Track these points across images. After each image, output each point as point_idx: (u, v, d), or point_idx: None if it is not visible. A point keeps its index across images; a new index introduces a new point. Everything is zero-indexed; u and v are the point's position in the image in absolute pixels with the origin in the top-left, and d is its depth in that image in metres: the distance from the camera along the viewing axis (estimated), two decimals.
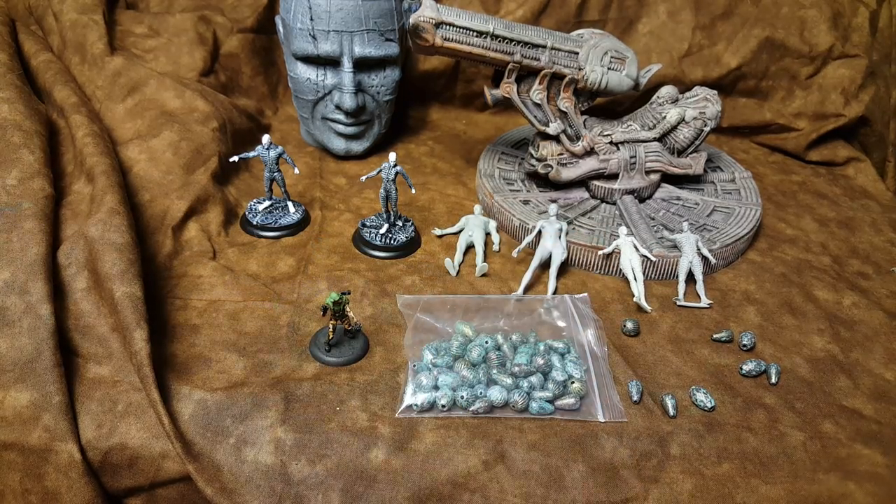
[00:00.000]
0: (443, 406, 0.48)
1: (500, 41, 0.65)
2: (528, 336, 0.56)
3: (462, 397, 0.48)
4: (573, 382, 0.50)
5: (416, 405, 0.48)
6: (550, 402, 0.49)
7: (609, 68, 0.70)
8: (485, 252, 0.68)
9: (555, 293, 0.63)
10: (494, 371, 0.51)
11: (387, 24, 0.79)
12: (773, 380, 0.53)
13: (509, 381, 0.50)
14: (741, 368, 0.54)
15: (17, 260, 0.51)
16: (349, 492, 0.44)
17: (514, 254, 0.66)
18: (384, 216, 0.70)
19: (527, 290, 0.63)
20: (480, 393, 0.49)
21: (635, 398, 0.51)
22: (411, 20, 0.61)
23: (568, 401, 0.49)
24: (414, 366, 0.52)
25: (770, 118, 1.00)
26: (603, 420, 0.49)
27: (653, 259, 0.64)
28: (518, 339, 0.55)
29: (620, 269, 0.64)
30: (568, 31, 0.72)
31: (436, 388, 0.50)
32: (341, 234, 0.71)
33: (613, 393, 0.51)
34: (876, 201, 0.87)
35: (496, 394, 0.49)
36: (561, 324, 0.58)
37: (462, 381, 0.50)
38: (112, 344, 0.50)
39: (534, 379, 0.51)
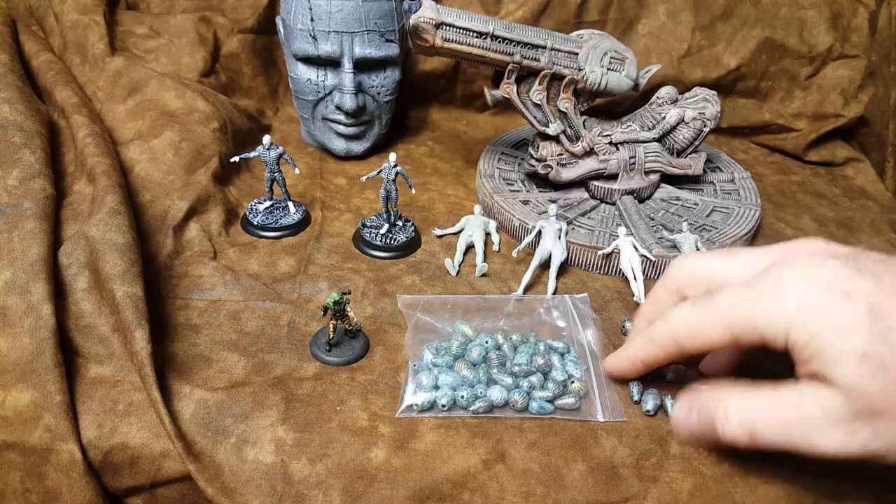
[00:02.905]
0: (443, 406, 0.48)
1: (499, 42, 0.65)
2: (528, 336, 0.56)
3: (462, 397, 0.49)
4: (573, 382, 0.50)
5: (416, 405, 0.48)
6: (550, 401, 0.49)
7: (609, 69, 0.70)
8: (485, 252, 0.68)
9: (555, 293, 0.63)
10: (495, 371, 0.51)
11: (387, 25, 0.79)
12: None
13: (509, 380, 0.50)
14: None
15: (19, 260, 0.51)
16: (349, 491, 0.44)
17: (514, 254, 0.66)
18: (384, 216, 0.70)
19: (527, 289, 0.63)
20: (480, 392, 0.49)
21: (636, 398, 0.51)
22: (411, 21, 0.62)
23: (568, 400, 0.49)
24: (414, 365, 0.52)
25: (769, 119, 1.00)
26: (602, 420, 0.49)
27: (652, 259, 0.64)
28: (518, 339, 0.55)
29: (620, 269, 0.64)
30: (568, 32, 0.72)
31: (436, 387, 0.50)
32: (342, 234, 0.71)
33: (613, 393, 0.51)
34: (875, 202, 0.87)
35: (496, 393, 0.49)
36: (561, 324, 0.58)
37: (462, 380, 0.50)
38: (113, 344, 0.50)
39: (534, 378, 0.51)
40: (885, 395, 0.35)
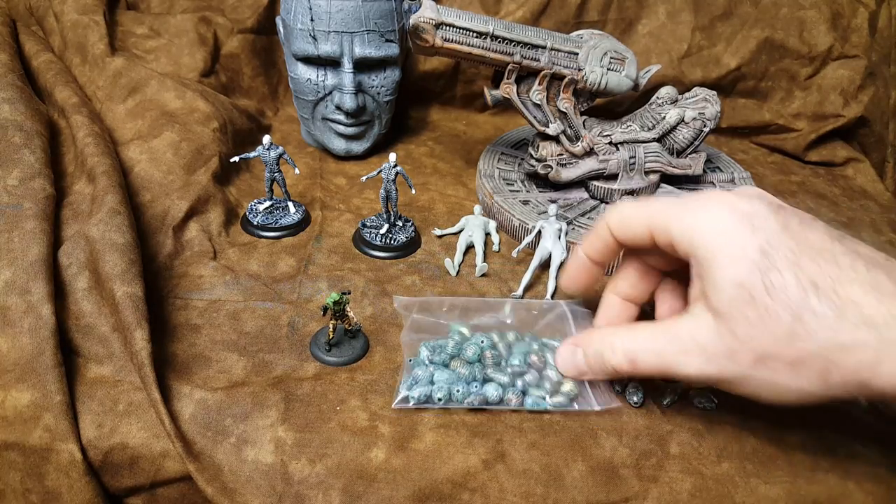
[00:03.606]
0: (439, 399, 0.48)
1: (499, 42, 0.65)
2: (523, 335, 0.56)
3: (458, 391, 0.48)
4: (565, 384, 0.50)
5: (412, 397, 0.48)
6: (544, 398, 0.49)
7: (608, 69, 0.70)
8: (484, 252, 0.68)
9: (554, 293, 0.63)
10: (490, 370, 0.51)
11: (387, 25, 0.79)
12: None
13: (505, 378, 0.50)
14: None
15: (18, 260, 0.51)
16: (349, 491, 0.44)
17: (514, 254, 0.66)
18: (384, 216, 0.70)
19: (526, 290, 0.63)
20: (475, 388, 0.49)
21: (635, 401, 0.51)
22: (411, 21, 0.62)
23: (559, 399, 0.49)
24: (410, 361, 0.52)
25: (769, 119, 1.00)
26: (598, 408, 0.49)
27: None
28: (514, 338, 0.55)
29: None
30: (567, 32, 0.72)
31: (431, 382, 0.50)
32: (341, 235, 0.71)
33: (606, 384, 0.51)
34: (875, 202, 0.87)
35: (491, 391, 0.49)
36: (557, 325, 0.58)
37: (458, 377, 0.50)
38: (113, 344, 0.50)
39: (529, 377, 0.51)
40: (747, 326, 0.38)
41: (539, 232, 0.66)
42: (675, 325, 0.43)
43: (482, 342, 0.53)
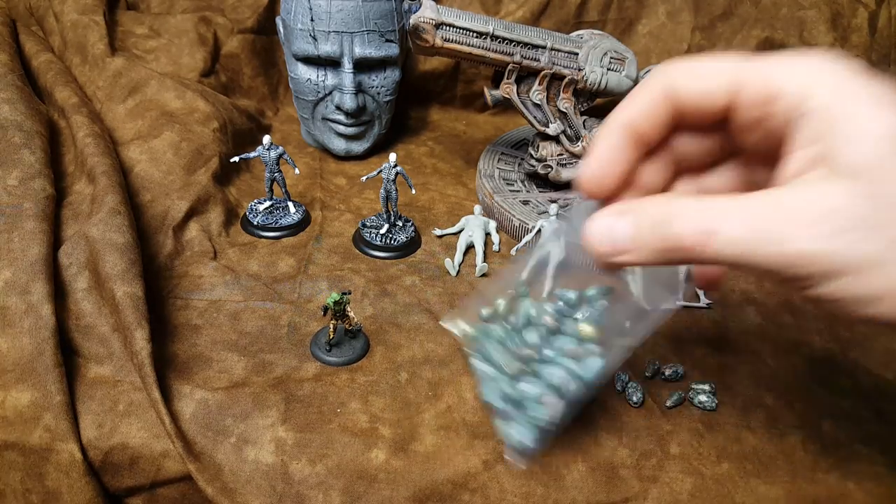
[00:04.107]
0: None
1: (499, 42, 0.65)
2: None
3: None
4: (584, 328, 0.41)
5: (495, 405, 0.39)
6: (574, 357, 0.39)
7: (608, 69, 0.70)
8: (484, 252, 0.68)
9: (550, 294, 0.62)
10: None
11: (387, 25, 0.79)
12: None
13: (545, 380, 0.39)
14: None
15: (19, 260, 0.51)
16: (350, 491, 0.44)
17: (513, 252, 0.66)
18: (384, 216, 0.70)
19: None
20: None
21: (634, 400, 0.51)
22: (411, 21, 0.62)
23: (592, 360, 0.39)
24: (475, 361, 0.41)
25: None
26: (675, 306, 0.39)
27: None
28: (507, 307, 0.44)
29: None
30: (567, 32, 0.72)
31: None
32: (342, 235, 0.71)
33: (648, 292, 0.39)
34: None
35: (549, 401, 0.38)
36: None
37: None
38: (113, 344, 0.50)
39: (554, 351, 0.40)
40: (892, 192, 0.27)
41: (539, 231, 0.66)
42: (776, 192, 0.29)
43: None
